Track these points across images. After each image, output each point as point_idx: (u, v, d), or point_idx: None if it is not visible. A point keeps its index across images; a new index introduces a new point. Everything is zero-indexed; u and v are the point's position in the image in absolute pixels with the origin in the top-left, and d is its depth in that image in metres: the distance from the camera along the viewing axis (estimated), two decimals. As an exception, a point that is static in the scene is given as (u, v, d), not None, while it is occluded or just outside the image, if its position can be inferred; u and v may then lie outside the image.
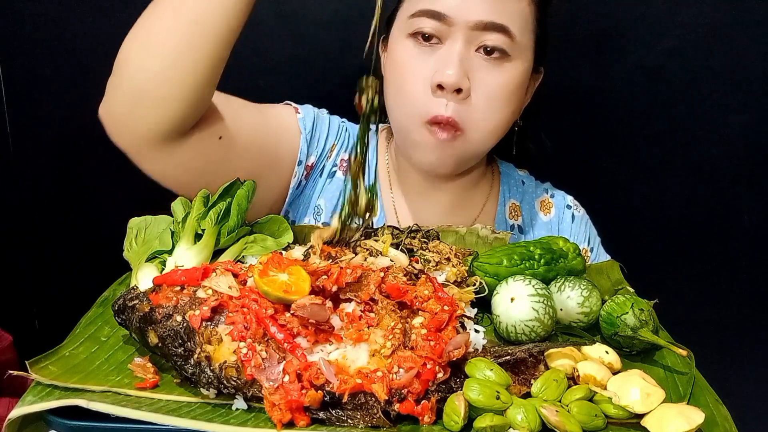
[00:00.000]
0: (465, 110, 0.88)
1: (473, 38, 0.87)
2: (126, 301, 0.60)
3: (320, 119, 1.02)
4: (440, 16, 0.86)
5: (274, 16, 1.26)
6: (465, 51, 0.87)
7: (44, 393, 0.54)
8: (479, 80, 0.88)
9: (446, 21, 0.86)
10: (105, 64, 1.29)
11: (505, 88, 0.89)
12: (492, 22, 0.86)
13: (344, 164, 1.03)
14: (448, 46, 0.87)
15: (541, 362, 0.61)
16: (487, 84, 0.88)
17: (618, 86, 1.27)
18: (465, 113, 0.88)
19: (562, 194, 1.11)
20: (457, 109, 0.87)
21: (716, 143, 1.29)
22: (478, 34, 0.86)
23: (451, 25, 0.86)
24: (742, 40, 1.22)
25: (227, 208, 0.76)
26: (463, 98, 0.87)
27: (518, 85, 0.91)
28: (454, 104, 0.87)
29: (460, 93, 0.87)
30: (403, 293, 0.63)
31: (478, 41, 0.87)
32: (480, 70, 0.88)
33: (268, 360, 0.54)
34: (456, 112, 0.87)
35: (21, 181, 1.38)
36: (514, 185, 1.10)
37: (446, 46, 0.87)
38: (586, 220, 1.10)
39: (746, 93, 1.25)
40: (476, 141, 0.92)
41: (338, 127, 1.04)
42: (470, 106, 0.88)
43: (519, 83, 0.91)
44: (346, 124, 1.06)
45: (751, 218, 1.33)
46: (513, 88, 0.90)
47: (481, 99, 0.88)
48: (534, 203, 1.09)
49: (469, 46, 0.87)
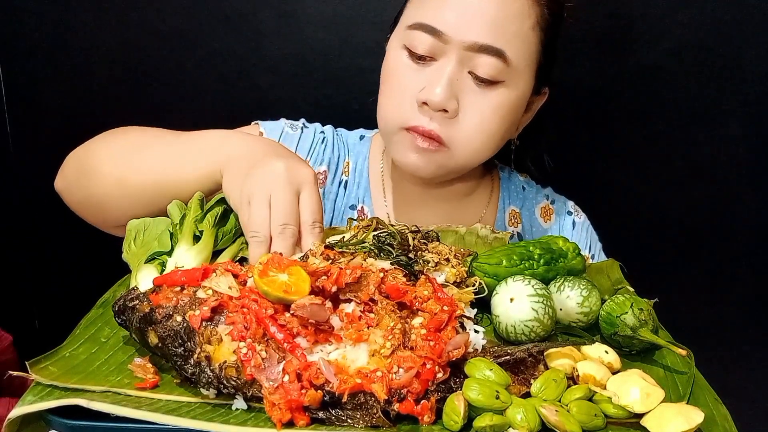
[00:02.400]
0: (451, 129, 0.87)
1: (467, 59, 0.85)
2: (126, 301, 0.60)
3: (288, 137, 1.01)
4: (436, 33, 0.85)
5: (274, 16, 1.26)
6: (457, 71, 0.85)
7: (44, 393, 0.54)
8: (469, 102, 0.86)
9: (442, 38, 0.84)
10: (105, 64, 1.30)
11: (495, 112, 0.88)
12: (487, 45, 0.84)
13: (320, 177, 1.02)
14: (440, 64, 0.86)
15: (540, 362, 0.61)
16: (477, 107, 0.87)
17: (618, 86, 1.27)
18: (451, 132, 0.87)
19: (563, 200, 1.10)
20: (442, 126, 0.86)
21: (716, 143, 1.29)
22: (472, 55, 0.85)
23: (447, 42, 0.85)
24: (742, 40, 1.22)
25: (224, 213, 0.77)
26: (449, 117, 0.86)
27: (510, 109, 0.90)
28: (440, 120, 0.86)
29: (447, 113, 0.86)
30: (402, 293, 0.63)
31: (471, 63, 0.85)
32: (470, 93, 0.86)
33: (268, 360, 0.54)
34: (441, 129, 0.86)
35: (21, 181, 1.39)
36: (515, 191, 1.09)
37: (439, 63, 0.86)
38: (587, 226, 1.09)
39: (746, 93, 1.25)
40: (461, 158, 0.91)
41: (312, 140, 1.03)
42: (457, 126, 0.87)
43: (511, 107, 0.89)
44: (326, 134, 1.05)
45: (751, 218, 1.33)
46: (504, 112, 0.89)
47: (469, 120, 0.87)
48: (534, 210, 1.08)
49: (461, 66, 0.85)
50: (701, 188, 1.32)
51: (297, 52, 1.27)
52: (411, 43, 0.87)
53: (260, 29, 1.26)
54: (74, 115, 1.32)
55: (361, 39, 1.26)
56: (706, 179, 1.31)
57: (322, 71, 1.28)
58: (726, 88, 1.25)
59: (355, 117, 1.14)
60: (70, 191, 0.89)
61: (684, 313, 1.23)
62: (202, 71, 1.29)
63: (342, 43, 1.26)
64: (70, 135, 0.92)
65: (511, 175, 1.11)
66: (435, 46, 0.85)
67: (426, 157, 0.89)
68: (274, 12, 1.25)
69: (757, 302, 1.38)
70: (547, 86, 0.97)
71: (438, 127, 0.86)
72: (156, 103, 1.31)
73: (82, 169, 0.86)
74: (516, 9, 0.85)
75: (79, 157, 0.88)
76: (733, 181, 1.31)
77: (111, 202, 0.82)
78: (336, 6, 1.25)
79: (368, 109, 0.97)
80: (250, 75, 1.29)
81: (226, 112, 1.30)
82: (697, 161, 1.30)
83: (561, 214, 1.09)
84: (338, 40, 1.26)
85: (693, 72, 1.24)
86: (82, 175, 0.86)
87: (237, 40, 1.27)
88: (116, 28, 1.28)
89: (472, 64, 0.85)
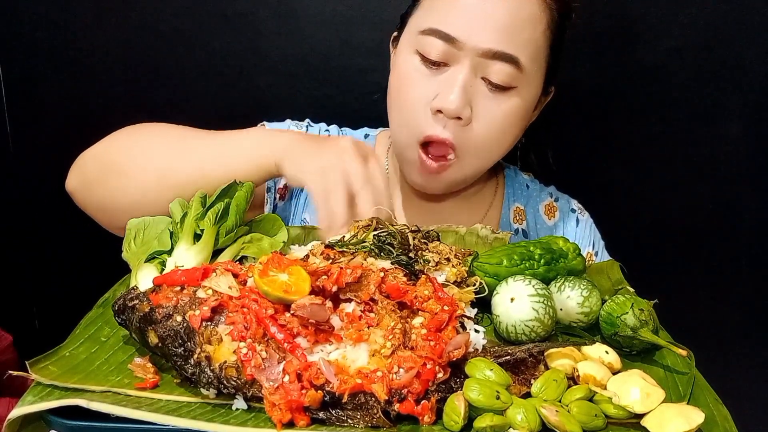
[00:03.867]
0: (465, 136, 0.87)
1: (480, 65, 0.85)
2: (126, 301, 0.60)
3: None
4: (450, 39, 0.84)
5: (274, 16, 1.26)
6: (470, 78, 0.85)
7: (44, 393, 0.54)
8: (482, 108, 0.86)
9: (456, 44, 0.84)
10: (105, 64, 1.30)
11: (509, 117, 0.88)
12: (502, 52, 0.84)
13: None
14: (453, 71, 0.86)
15: (541, 362, 0.61)
16: (490, 113, 0.87)
17: (618, 86, 1.27)
18: (464, 139, 0.87)
19: (567, 198, 1.11)
20: (455, 133, 0.86)
21: (716, 143, 1.29)
22: (485, 62, 0.84)
23: (460, 49, 0.84)
24: (742, 40, 1.22)
25: (225, 209, 0.76)
26: (463, 125, 0.86)
27: (523, 114, 0.90)
28: (453, 128, 0.86)
29: (461, 120, 0.86)
30: (403, 293, 0.63)
31: (485, 70, 0.85)
32: (484, 99, 0.86)
33: (268, 360, 0.54)
34: (454, 135, 0.86)
35: (21, 181, 1.39)
36: (519, 189, 1.09)
37: (452, 69, 0.86)
38: (590, 224, 1.09)
39: (746, 93, 1.25)
40: (470, 167, 0.91)
41: None
42: (470, 133, 0.87)
43: (523, 112, 0.90)
44: (331, 133, 1.04)
45: (751, 218, 1.33)
46: (516, 118, 0.89)
47: (482, 127, 0.87)
48: (538, 207, 1.09)
49: (474, 72, 0.85)
50: (701, 188, 1.32)
51: (297, 52, 1.27)
52: (424, 49, 0.86)
53: (260, 29, 1.26)
54: (74, 115, 1.32)
55: (361, 39, 1.26)
56: (706, 179, 1.31)
57: (322, 71, 1.28)
58: (726, 88, 1.25)
59: (356, 117, 1.14)
60: (90, 191, 0.87)
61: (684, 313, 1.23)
62: (202, 71, 1.29)
63: (342, 43, 1.26)
64: (70, 135, 0.92)
65: (516, 173, 1.11)
66: (448, 52, 0.85)
67: (434, 179, 0.91)
68: (273, 12, 1.25)
69: (757, 302, 1.38)
70: (553, 85, 0.98)
71: (452, 135, 0.86)
72: (156, 102, 1.31)
73: (107, 167, 0.84)
74: (528, 14, 0.85)
75: (99, 156, 0.86)
76: (733, 181, 1.31)
77: (149, 197, 0.81)
78: (336, 6, 1.25)
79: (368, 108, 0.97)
80: (250, 75, 1.29)
81: (226, 112, 1.30)
82: (697, 161, 1.30)
83: (565, 212, 1.09)
84: (338, 40, 1.26)
85: (693, 72, 1.24)
86: (108, 173, 0.84)
87: (237, 40, 1.27)
88: (116, 28, 1.27)
89: (485, 70, 0.85)
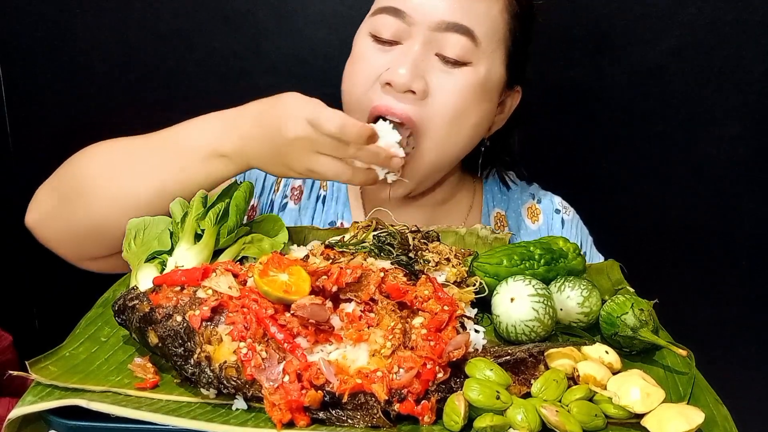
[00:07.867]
0: (421, 111, 0.84)
1: (434, 40, 0.83)
2: (126, 301, 0.60)
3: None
4: (400, 14, 0.83)
5: (274, 16, 1.26)
6: (422, 52, 0.83)
7: (44, 393, 0.54)
8: (438, 84, 0.84)
9: (406, 20, 0.83)
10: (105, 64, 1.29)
11: (466, 93, 0.85)
12: (455, 23, 0.82)
13: (295, 193, 1.00)
14: (405, 46, 0.84)
15: (541, 362, 0.61)
16: (446, 87, 0.84)
17: (618, 86, 1.27)
18: (421, 114, 0.84)
19: (550, 197, 1.06)
20: (413, 107, 0.83)
21: (716, 143, 1.29)
22: (439, 35, 0.83)
23: (411, 24, 0.83)
24: (742, 40, 1.22)
25: (226, 209, 0.76)
26: (419, 98, 0.83)
27: (480, 92, 0.86)
28: (410, 102, 0.83)
29: (415, 95, 0.83)
30: (403, 293, 0.63)
31: (439, 45, 0.83)
32: (439, 74, 0.84)
33: (268, 360, 0.54)
34: (412, 110, 0.83)
35: (21, 181, 1.38)
36: (498, 193, 1.05)
37: (404, 45, 0.84)
38: (576, 222, 1.05)
39: (746, 93, 1.25)
40: (429, 152, 0.87)
41: None
42: (427, 108, 0.84)
43: (482, 89, 0.86)
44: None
45: (751, 218, 1.33)
46: (474, 95, 0.85)
47: (439, 103, 0.84)
48: (520, 211, 1.04)
49: (428, 48, 0.83)
50: (701, 188, 1.32)
51: (297, 52, 1.27)
52: (376, 29, 0.85)
53: (260, 29, 1.26)
54: (74, 115, 1.32)
55: (361, 39, 1.26)
56: (706, 179, 1.31)
57: (322, 71, 1.28)
58: (726, 88, 1.25)
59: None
60: (49, 224, 0.85)
61: (684, 313, 1.23)
62: (202, 71, 1.29)
63: (342, 43, 1.25)
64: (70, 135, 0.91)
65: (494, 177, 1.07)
66: (400, 28, 0.84)
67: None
68: (273, 12, 1.25)
69: (757, 302, 1.38)
70: (520, 84, 0.95)
71: (408, 107, 0.83)
72: (156, 103, 1.31)
73: (63, 198, 0.83)
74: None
75: (54, 188, 0.84)
76: (733, 181, 1.31)
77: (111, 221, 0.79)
78: (336, 6, 1.25)
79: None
80: (249, 75, 1.29)
81: (226, 112, 1.30)
82: (697, 161, 1.30)
83: (548, 214, 1.05)
84: (338, 40, 1.26)
85: (693, 72, 1.24)
86: (64, 204, 0.82)
87: (236, 40, 1.27)
88: (116, 28, 1.28)
89: (439, 45, 0.83)
